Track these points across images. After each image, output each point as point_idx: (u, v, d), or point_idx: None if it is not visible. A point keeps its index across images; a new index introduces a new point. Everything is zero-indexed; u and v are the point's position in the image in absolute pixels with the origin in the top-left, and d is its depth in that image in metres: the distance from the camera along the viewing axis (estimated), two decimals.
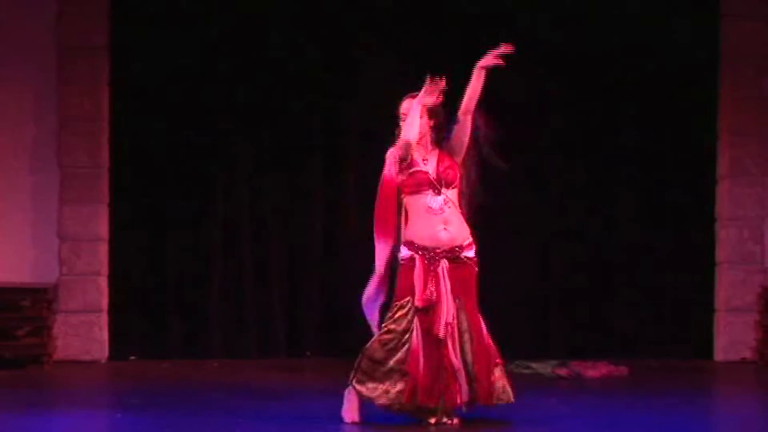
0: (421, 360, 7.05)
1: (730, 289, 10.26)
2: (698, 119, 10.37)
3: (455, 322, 7.09)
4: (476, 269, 7.18)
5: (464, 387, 7.08)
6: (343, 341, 10.25)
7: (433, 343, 7.06)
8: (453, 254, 7.13)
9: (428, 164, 7.20)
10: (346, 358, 10.04)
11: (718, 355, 10.29)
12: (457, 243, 7.15)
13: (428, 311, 7.08)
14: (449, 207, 7.14)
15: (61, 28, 10.04)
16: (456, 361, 7.06)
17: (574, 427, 7.32)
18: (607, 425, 7.34)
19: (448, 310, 7.08)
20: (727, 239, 10.29)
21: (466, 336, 7.10)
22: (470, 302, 7.16)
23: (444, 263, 7.11)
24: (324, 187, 10.33)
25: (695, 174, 10.39)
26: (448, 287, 7.09)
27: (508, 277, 10.26)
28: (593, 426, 7.34)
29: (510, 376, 7.29)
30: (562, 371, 9.39)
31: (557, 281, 10.40)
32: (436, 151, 7.24)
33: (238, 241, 10.30)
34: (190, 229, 10.26)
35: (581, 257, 10.38)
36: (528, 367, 9.54)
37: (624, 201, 10.37)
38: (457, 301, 7.12)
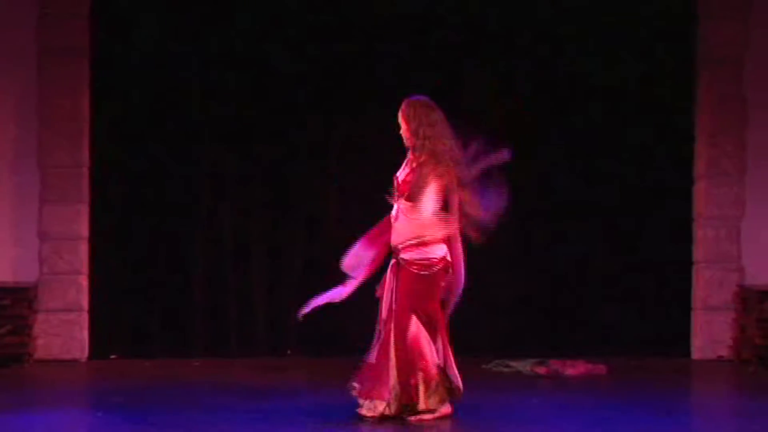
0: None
1: (707, 288, 10.32)
2: (676, 120, 10.44)
3: (390, 319, 7.33)
4: (412, 272, 7.32)
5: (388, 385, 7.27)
6: (323, 341, 10.30)
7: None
8: (395, 254, 7.42)
9: (400, 171, 7.50)
10: (327, 357, 10.14)
11: (696, 354, 10.35)
12: (395, 244, 7.39)
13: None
14: (400, 215, 7.39)
15: (41, 30, 10.03)
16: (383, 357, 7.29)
17: (553, 425, 7.37)
18: (585, 423, 7.39)
19: (384, 306, 7.40)
20: (704, 239, 10.35)
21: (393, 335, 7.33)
22: (400, 303, 7.32)
23: (394, 261, 7.46)
24: (307, 191, 10.35)
25: (673, 174, 10.45)
26: (391, 284, 7.39)
27: (487, 276, 10.31)
28: (572, 424, 7.38)
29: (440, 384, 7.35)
30: (541, 370, 9.43)
31: (536, 280, 10.44)
32: (412, 158, 7.44)
33: (219, 240, 10.31)
34: (170, 229, 10.27)
35: (560, 256, 10.43)
36: (507, 366, 9.58)
37: (602, 200, 10.41)
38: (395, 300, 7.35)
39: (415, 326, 7.29)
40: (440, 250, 7.35)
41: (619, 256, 10.42)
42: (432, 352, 7.30)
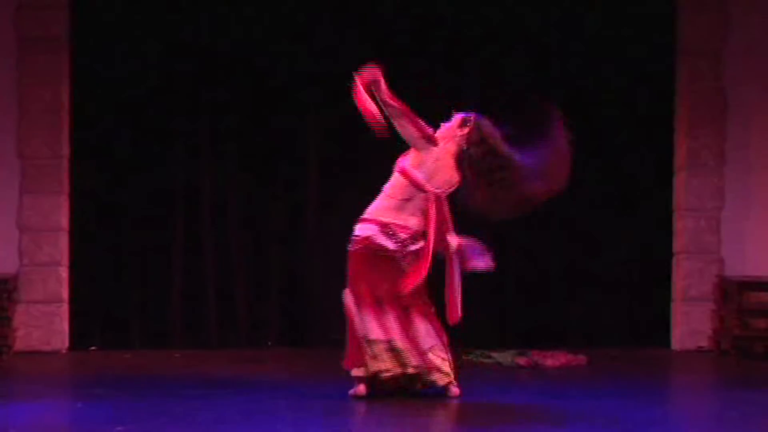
0: None
1: (687, 279, 10.36)
2: (656, 111, 10.47)
3: None
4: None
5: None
6: (304, 332, 10.30)
7: None
8: None
9: None
10: (307, 348, 10.14)
11: (675, 344, 10.40)
12: None
13: None
14: None
15: (20, 20, 10.01)
16: None
17: (534, 416, 7.38)
18: (566, 414, 7.41)
19: None
20: (684, 230, 10.39)
21: None
22: None
23: None
24: (287, 181, 10.35)
25: (653, 165, 10.48)
26: None
27: None
28: (552, 414, 7.40)
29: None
30: (522, 360, 9.45)
31: (516, 271, 10.46)
32: None
33: (200, 231, 10.30)
34: (151, 220, 10.26)
35: (540, 247, 10.45)
36: (488, 357, 9.60)
37: (582, 191, 10.42)
38: None
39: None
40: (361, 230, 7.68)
41: (600, 247, 10.45)
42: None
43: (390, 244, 7.60)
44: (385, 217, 7.63)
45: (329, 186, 10.25)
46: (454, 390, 7.69)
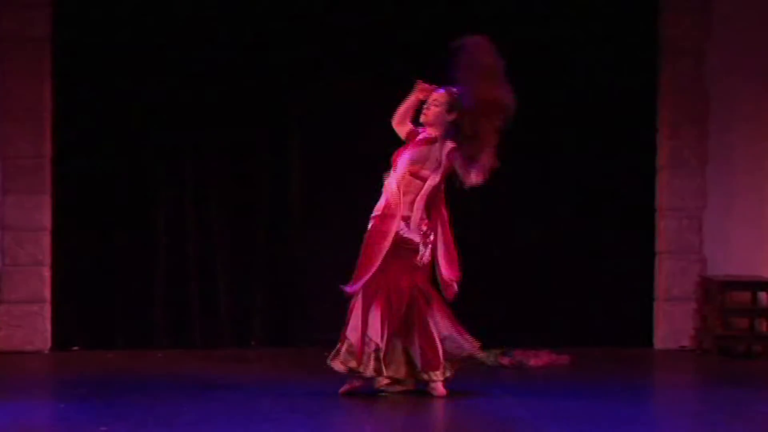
0: None
1: (669, 279, 10.38)
2: (638, 110, 10.48)
3: None
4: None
5: None
6: (287, 331, 10.30)
7: None
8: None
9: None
10: (291, 348, 10.14)
11: (658, 344, 10.42)
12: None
13: None
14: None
15: (2, 19, 9.96)
16: None
17: (517, 415, 7.39)
18: (549, 413, 7.42)
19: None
20: (666, 229, 10.41)
21: None
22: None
23: None
24: (268, 176, 10.33)
25: (635, 164, 10.50)
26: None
27: None
28: (536, 414, 7.41)
29: None
30: (505, 360, 9.46)
31: (499, 270, 10.46)
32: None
33: (182, 230, 10.27)
34: (133, 219, 10.23)
35: (522, 246, 10.46)
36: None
37: (565, 191, 10.45)
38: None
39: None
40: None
41: (582, 247, 10.45)
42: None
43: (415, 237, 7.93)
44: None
45: (311, 185, 10.23)
46: (440, 389, 7.72)
